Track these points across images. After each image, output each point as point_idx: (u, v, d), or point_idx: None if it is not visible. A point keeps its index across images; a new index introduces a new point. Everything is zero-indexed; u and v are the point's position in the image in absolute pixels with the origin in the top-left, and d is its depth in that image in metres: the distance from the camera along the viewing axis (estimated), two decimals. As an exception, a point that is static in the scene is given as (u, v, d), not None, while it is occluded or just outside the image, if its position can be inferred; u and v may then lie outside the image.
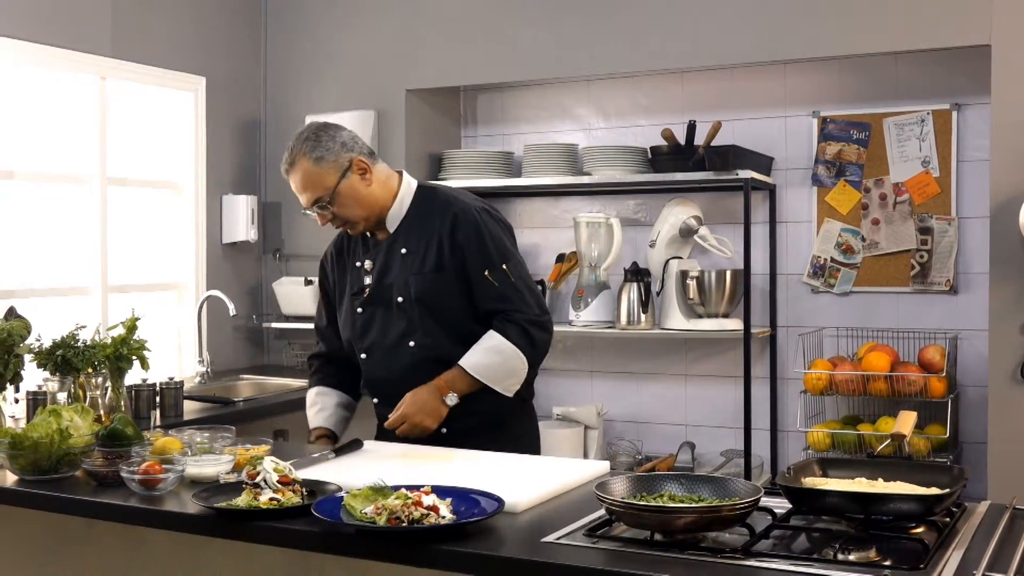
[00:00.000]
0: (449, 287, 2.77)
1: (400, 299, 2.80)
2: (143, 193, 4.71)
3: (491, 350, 2.75)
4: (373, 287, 2.84)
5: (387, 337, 2.82)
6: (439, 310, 2.78)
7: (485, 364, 2.74)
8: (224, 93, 5.00)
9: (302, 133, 2.81)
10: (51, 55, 4.17)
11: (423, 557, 1.92)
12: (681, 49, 4.37)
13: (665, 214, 4.50)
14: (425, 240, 2.80)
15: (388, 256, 2.84)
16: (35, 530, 2.58)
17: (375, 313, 2.84)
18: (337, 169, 2.75)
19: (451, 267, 2.77)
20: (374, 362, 2.86)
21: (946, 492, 1.97)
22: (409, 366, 2.79)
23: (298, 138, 2.80)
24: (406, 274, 2.80)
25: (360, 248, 2.91)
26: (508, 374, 2.77)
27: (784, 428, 4.55)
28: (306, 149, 2.76)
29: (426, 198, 2.86)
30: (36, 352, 2.89)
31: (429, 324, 2.78)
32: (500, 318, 2.77)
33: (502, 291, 2.77)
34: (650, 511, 1.89)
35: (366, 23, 4.99)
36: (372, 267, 2.85)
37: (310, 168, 2.75)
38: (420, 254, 2.79)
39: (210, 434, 2.65)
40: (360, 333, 2.87)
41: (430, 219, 2.81)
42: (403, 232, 2.84)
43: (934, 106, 4.29)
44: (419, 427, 2.73)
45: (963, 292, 4.27)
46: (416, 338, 2.78)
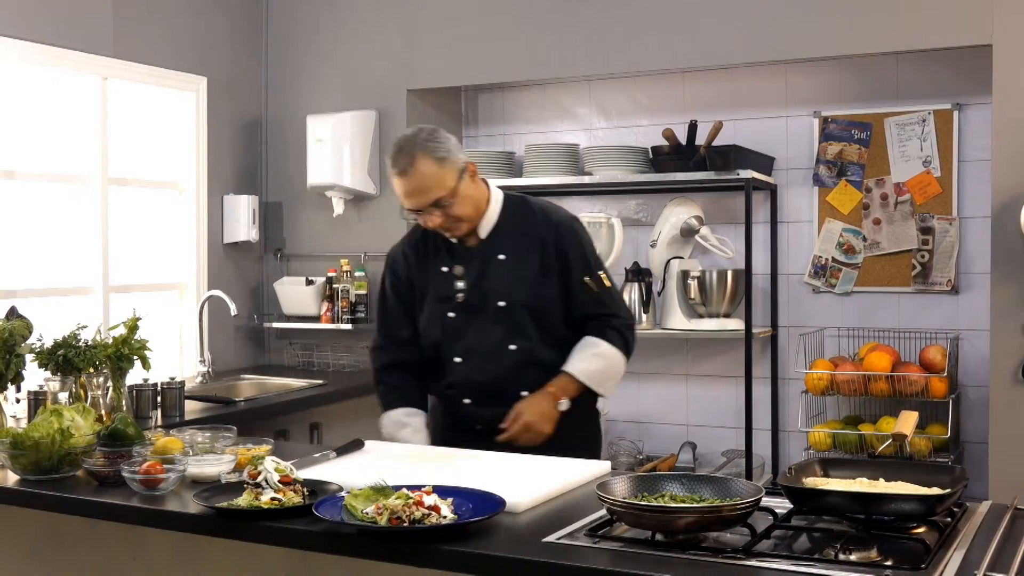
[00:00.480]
0: (551, 292, 2.86)
1: (502, 304, 2.84)
2: (144, 193, 4.71)
3: (597, 356, 2.86)
4: (469, 292, 2.86)
5: (486, 341, 2.85)
6: (540, 314, 2.85)
7: (592, 369, 2.85)
8: (225, 93, 5.00)
9: (415, 135, 2.78)
10: (53, 55, 4.17)
11: (424, 557, 1.92)
12: (682, 49, 4.37)
13: (666, 214, 4.50)
14: (526, 247, 2.86)
15: (484, 262, 2.86)
16: (36, 530, 2.58)
17: (471, 318, 2.86)
18: (456, 169, 2.77)
19: (553, 274, 2.85)
20: (471, 366, 2.88)
21: (947, 492, 1.97)
22: (508, 369, 2.84)
23: (412, 137, 2.78)
24: (508, 279, 2.84)
25: (444, 253, 2.91)
26: (609, 377, 2.90)
27: (785, 428, 4.55)
28: (429, 149, 2.74)
29: (519, 206, 2.93)
30: (37, 352, 2.89)
31: (529, 328, 2.84)
32: (598, 323, 2.88)
33: (600, 296, 2.89)
34: (651, 511, 1.89)
35: (367, 23, 4.99)
36: (464, 272, 2.87)
37: (434, 168, 2.73)
38: (521, 260, 2.85)
39: (211, 434, 2.65)
40: (453, 337, 2.88)
41: (530, 227, 2.88)
42: (497, 239, 2.87)
43: (935, 106, 4.29)
44: (539, 434, 2.78)
45: (964, 292, 4.27)
46: (517, 342, 2.84)
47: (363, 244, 4.98)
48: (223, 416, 3.75)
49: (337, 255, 4.99)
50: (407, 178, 2.74)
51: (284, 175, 5.18)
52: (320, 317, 4.98)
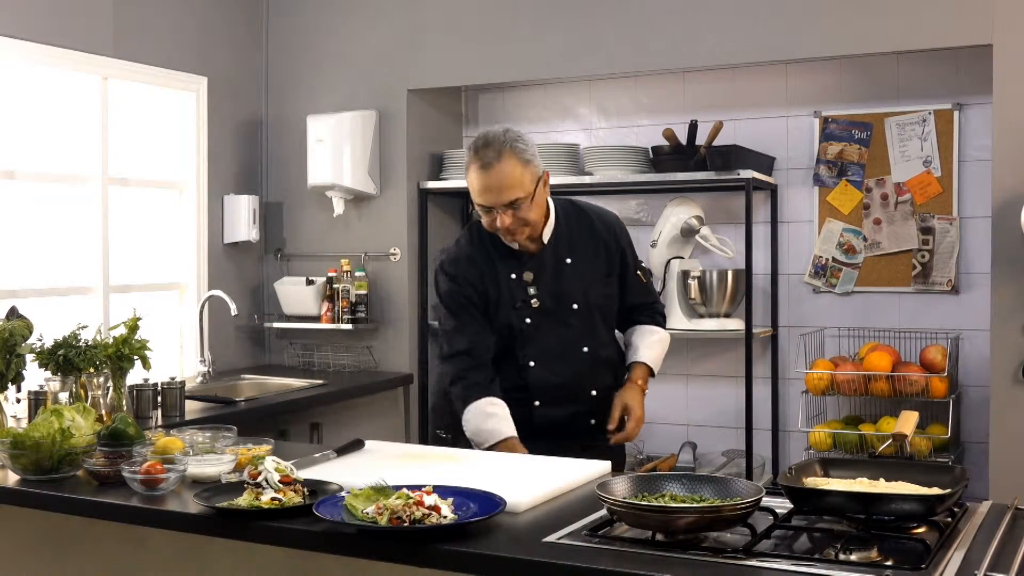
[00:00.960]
0: (613, 291, 2.99)
1: (575, 306, 2.91)
2: (145, 193, 4.71)
3: (658, 342, 3.08)
4: (542, 297, 2.89)
5: (560, 345, 2.91)
6: (607, 314, 2.99)
7: (658, 355, 3.08)
8: (226, 93, 5.00)
9: (505, 132, 2.79)
10: (53, 55, 4.17)
11: (424, 557, 1.92)
12: (683, 49, 4.37)
13: (667, 214, 4.50)
14: (591, 249, 2.94)
15: (552, 267, 2.91)
16: (37, 530, 2.58)
17: (544, 322, 2.90)
18: (536, 174, 2.82)
19: (614, 273, 2.98)
20: (544, 369, 2.91)
21: (947, 492, 1.97)
22: (581, 370, 2.93)
23: (499, 135, 2.78)
24: (581, 282, 2.92)
25: (510, 260, 2.91)
26: (663, 359, 3.13)
27: (785, 428, 4.55)
28: (518, 149, 2.77)
29: (571, 210, 3.01)
30: (38, 352, 2.89)
31: (599, 329, 2.96)
32: (649, 311, 3.09)
33: (647, 286, 3.10)
34: (652, 511, 1.89)
35: (368, 23, 4.99)
36: (533, 278, 2.90)
37: (518, 168, 2.76)
38: (589, 262, 2.94)
39: (211, 434, 2.65)
40: (526, 342, 2.91)
41: (589, 231, 2.97)
42: (560, 243, 2.93)
43: (936, 106, 4.29)
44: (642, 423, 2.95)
45: (965, 292, 4.27)
46: (589, 343, 2.93)
47: (363, 244, 4.98)
48: (223, 416, 3.75)
49: (337, 255, 4.99)
50: (489, 172, 2.74)
51: (284, 175, 5.18)
52: (320, 317, 4.98)
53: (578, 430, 2.94)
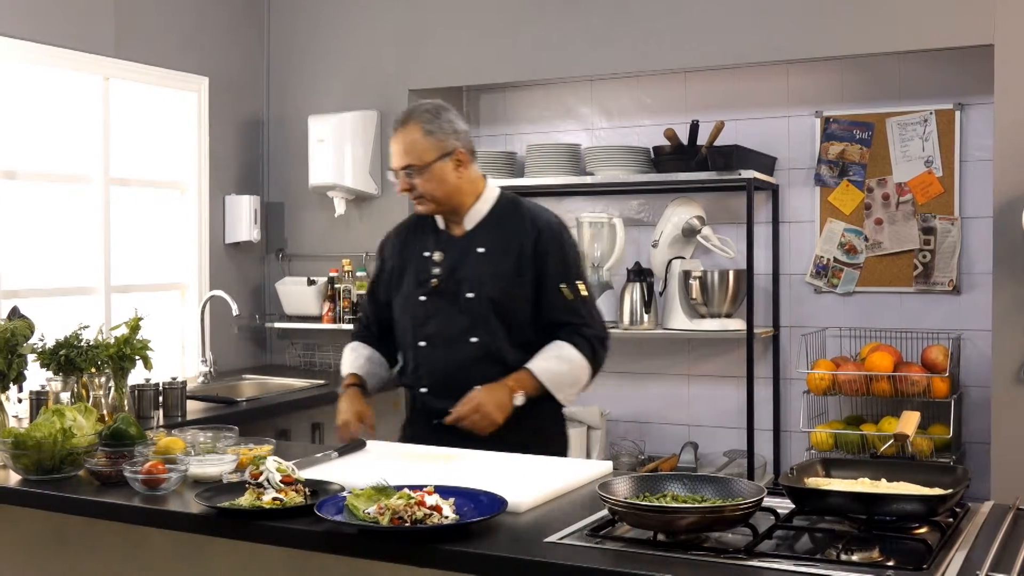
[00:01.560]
0: (522, 292, 2.87)
1: (470, 295, 2.87)
2: (146, 193, 4.72)
3: (560, 359, 2.85)
4: (442, 278, 2.90)
5: (450, 329, 2.88)
6: (507, 312, 2.87)
7: (554, 371, 2.84)
8: (227, 93, 5.00)
9: (425, 103, 2.93)
10: (55, 55, 4.18)
11: (426, 557, 1.92)
12: (684, 49, 4.37)
13: (668, 214, 4.50)
14: (505, 244, 2.90)
15: (463, 252, 2.91)
16: (38, 529, 2.58)
17: (440, 304, 2.90)
18: (440, 149, 2.86)
19: (527, 275, 2.87)
20: (432, 352, 2.91)
21: (949, 492, 1.96)
22: (468, 360, 2.86)
23: (419, 105, 2.92)
24: (481, 272, 2.88)
25: (430, 240, 2.98)
26: (571, 383, 2.88)
27: (787, 428, 4.55)
28: (424, 119, 2.87)
29: (509, 205, 2.99)
30: (39, 352, 2.89)
31: (493, 323, 2.86)
32: (569, 330, 2.87)
33: (573, 305, 2.89)
34: (653, 511, 1.89)
35: (369, 23, 4.99)
36: (442, 259, 2.92)
37: (419, 136, 2.85)
38: (498, 256, 2.89)
39: (213, 434, 2.65)
40: (421, 321, 2.92)
41: (514, 226, 2.93)
42: (481, 232, 2.93)
43: (937, 106, 4.29)
44: (489, 418, 2.76)
45: (966, 292, 4.27)
46: (479, 334, 2.86)
47: (364, 244, 4.97)
48: (225, 416, 3.75)
49: (338, 255, 4.99)
50: (395, 136, 2.89)
51: (286, 175, 5.18)
52: (322, 317, 4.98)
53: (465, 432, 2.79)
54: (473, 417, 2.76)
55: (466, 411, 2.76)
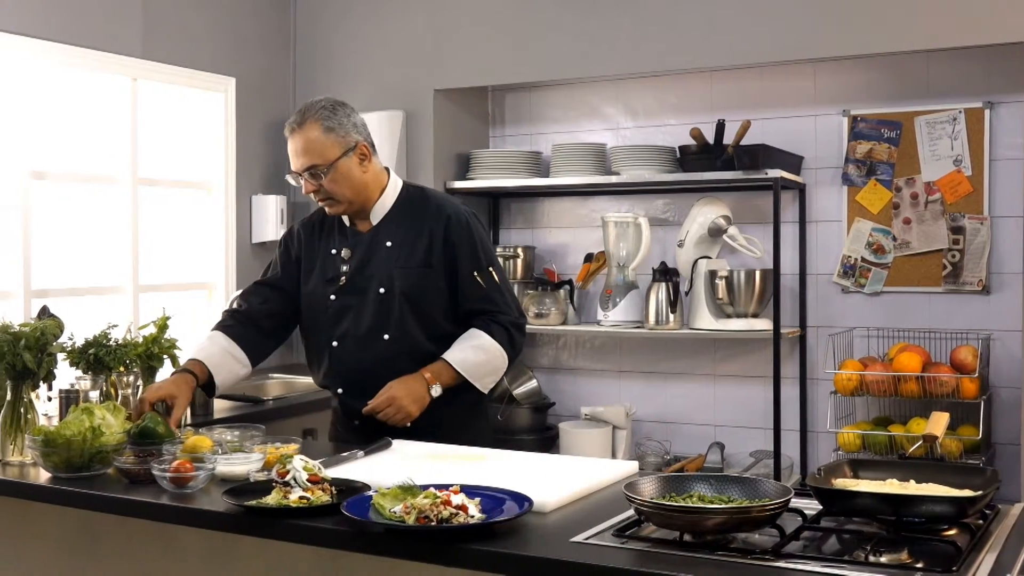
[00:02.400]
0: (434, 284, 2.84)
1: (381, 290, 2.83)
2: (174, 193, 4.75)
3: (477, 348, 2.83)
4: (351, 276, 2.87)
5: (361, 327, 2.85)
6: (420, 305, 2.84)
7: (471, 361, 2.82)
8: (254, 94, 5.02)
9: (319, 101, 2.86)
10: (83, 56, 4.21)
11: (452, 556, 1.93)
12: (710, 48, 4.35)
13: (694, 213, 4.49)
14: (413, 236, 2.86)
15: (370, 247, 2.88)
16: (67, 527, 2.60)
17: (349, 302, 2.87)
18: (342, 145, 2.81)
19: (439, 265, 2.84)
20: (345, 351, 2.88)
21: (979, 494, 1.95)
22: (381, 358, 2.83)
23: (313, 104, 2.85)
24: (390, 267, 2.84)
25: (336, 236, 2.93)
26: (489, 372, 2.87)
27: (814, 429, 4.52)
28: (321, 116, 2.80)
29: (414, 197, 2.95)
30: (69, 351, 2.92)
31: (407, 318, 2.83)
32: (484, 319, 2.86)
33: (488, 293, 2.87)
34: (679, 511, 1.88)
35: (395, 24, 5.00)
36: (350, 256, 2.88)
37: (318, 134, 2.79)
38: (407, 249, 2.85)
39: (240, 432, 2.66)
40: (332, 321, 2.89)
41: (420, 217, 2.89)
42: (388, 226, 2.89)
43: (966, 104, 4.25)
44: (403, 411, 2.75)
45: (996, 292, 4.23)
46: (390, 331, 2.83)
47: (390, 244, 4.98)
48: (252, 415, 3.77)
49: (364, 255, 5.00)
50: (292, 137, 2.82)
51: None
52: (347, 317, 4.99)
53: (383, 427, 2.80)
54: (388, 410, 2.74)
55: (380, 403, 2.75)
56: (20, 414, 2.67)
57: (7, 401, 2.68)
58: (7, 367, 2.65)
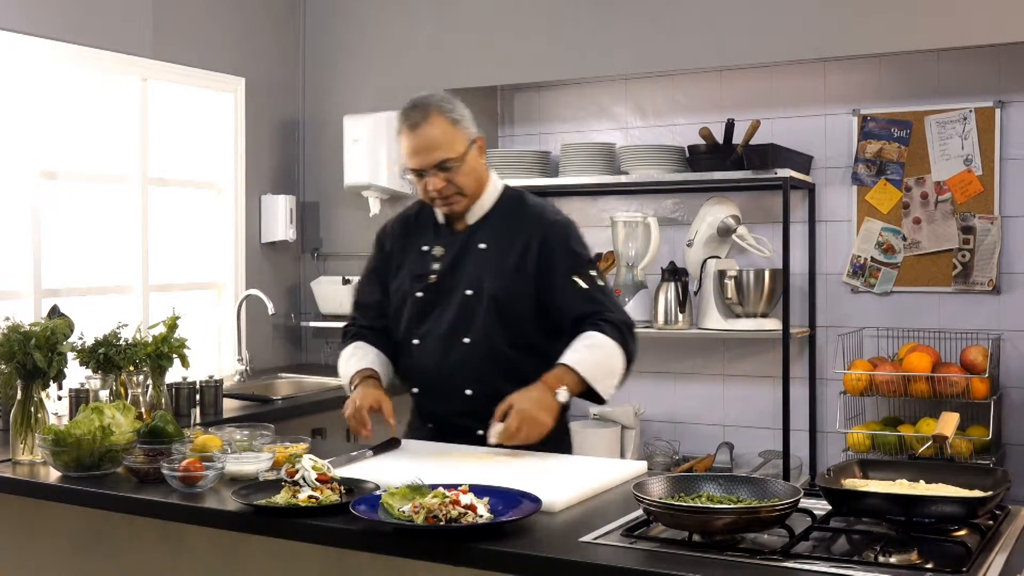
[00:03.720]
0: (525, 289, 2.71)
1: (468, 292, 2.72)
2: (183, 193, 4.76)
3: (592, 346, 2.63)
4: (441, 275, 2.77)
5: (444, 329, 2.74)
6: (507, 310, 2.71)
7: (588, 360, 2.62)
8: (263, 94, 5.03)
9: (431, 95, 2.74)
10: (93, 57, 4.22)
11: (460, 556, 1.93)
12: (719, 47, 4.34)
13: (703, 213, 4.48)
14: (508, 240, 2.74)
15: (463, 248, 2.77)
16: (77, 526, 2.61)
17: (436, 301, 2.77)
18: (467, 137, 2.72)
19: (531, 271, 2.71)
20: (426, 350, 2.78)
21: (989, 495, 1.94)
22: (458, 361, 2.72)
23: (428, 97, 2.73)
24: (481, 269, 2.73)
25: (430, 233, 2.84)
26: (609, 372, 2.65)
27: (823, 429, 4.51)
28: (445, 108, 2.69)
29: (514, 200, 2.83)
30: (79, 350, 2.92)
31: (491, 322, 2.70)
32: (593, 319, 2.67)
33: (591, 293, 2.71)
34: (688, 511, 1.88)
35: (404, 23, 5.01)
36: (442, 255, 2.78)
37: (447, 126, 2.68)
38: (501, 252, 2.73)
39: (249, 432, 2.67)
40: (417, 319, 2.79)
41: (518, 221, 2.77)
42: (484, 227, 2.78)
43: (977, 103, 4.24)
44: (536, 422, 2.52)
45: (1006, 292, 4.21)
46: (472, 334, 2.71)
47: (399, 243, 4.99)
48: (261, 414, 3.78)
49: (373, 254, 5.00)
50: (417, 133, 2.67)
51: (321, 175, 5.21)
52: (357, 316, 5.00)
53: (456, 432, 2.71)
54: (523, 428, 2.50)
55: (511, 424, 2.50)
56: (30, 413, 2.67)
57: (17, 400, 2.68)
58: (17, 366, 2.66)
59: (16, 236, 3.99)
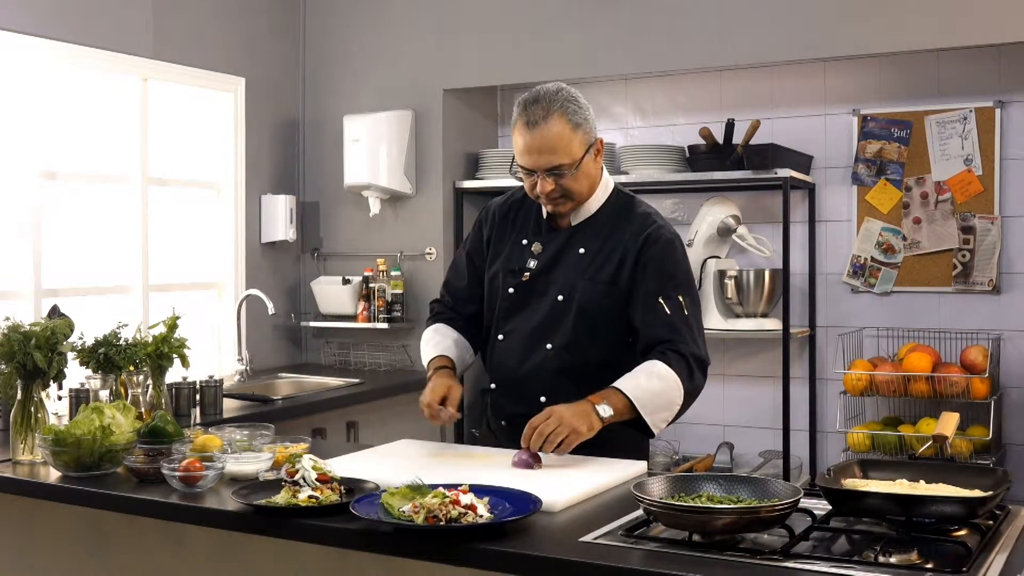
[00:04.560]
0: (616, 304, 2.60)
1: (560, 297, 2.62)
2: (183, 193, 4.76)
3: (651, 375, 2.52)
4: (536, 274, 2.65)
5: (530, 330, 2.65)
6: (594, 323, 2.61)
7: (643, 387, 2.50)
8: (263, 94, 5.03)
9: (558, 90, 2.58)
10: (93, 57, 4.22)
11: (460, 556, 1.93)
12: (719, 47, 4.34)
13: (703, 213, 4.48)
14: (609, 248, 2.63)
15: (562, 249, 2.65)
16: (77, 526, 2.61)
17: (528, 300, 2.66)
18: (587, 141, 2.58)
19: (625, 284, 2.60)
20: (507, 349, 2.68)
21: (989, 494, 1.94)
22: (538, 367, 2.63)
23: (552, 93, 2.57)
24: (576, 275, 2.62)
25: (531, 226, 2.71)
26: (664, 406, 2.53)
27: (823, 429, 4.52)
28: (567, 109, 2.55)
29: (623, 205, 2.71)
30: (79, 350, 2.92)
31: (577, 333, 2.60)
32: (664, 347, 2.55)
33: (672, 321, 2.57)
34: (689, 511, 1.88)
35: (404, 24, 5.01)
36: (540, 252, 2.66)
37: (567, 130, 2.54)
38: (599, 261, 2.62)
39: (249, 432, 2.66)
40: (506, 314, 2.69)
41: (622, 229, 2.65)
42: (586, 230, 2.66)
43: (977, 103, 4.24)
44: (572, 429, 2.41)
45: (1006, 292, 4.22)
46: (555, 340, 2.62)
47: (399, 244, 5.00)
48: (261, 414, 3.78)
49: (373, 254, 5.01)
50: (535, 131, 2.53)
51: (321, 175, 5.21)
52: (356, 316, 5.00)
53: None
54: (547, 422, 2.41)
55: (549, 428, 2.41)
56: (30, 413, 2.67)
57: (17, 400, 2.68)
58: (18, 366, 2.66)
59: (17, 236, 3.98)
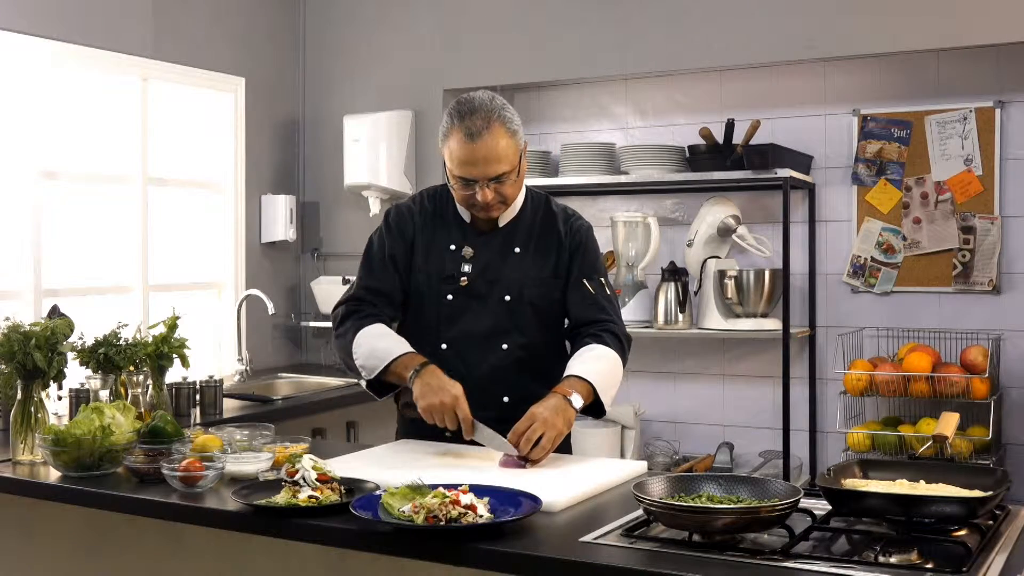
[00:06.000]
0: (561, 295, 2.71)
1: (507, 298, 2.66)
2: (183, 193, 4.76)
3: (598, 357, 2.61)
4: (473, 278, 2.67)
5: (479, 333, 2.66)
6: (547, 316, 2.71)
7: (596, 369, 2.58)
8: (263, 94, 5.04)
9: (491, 100, 2.57)
10: (93, 57, 4.22)
11: (460, 556, 1.93)
12: (719, 47, 4.34)
13: (703, 213, 4.48)
14: (544, 244, 2.71)
15: (496, 251, 2.69)
16: (77, 525, 2.61)
17: (468, 304, 2.67)
18: (520, 146, 2.61)
19: (564, 276, 2.71)
20: (457, 356, 2.67)
21: (989, 495, 1.94)
22: (495, 366, 2.66)
23: (487, 103, 2.56)
24: (520, 274, 2.68)
25: (454, 231, 2.72)
26: (613, 385, 2.63)
27: (823, 429, 4.52)
28: (504, 117, 2.56)
29: (541, 204, 2.78)
30: (79, 350, 2.92)
31: (531, 328, 2.68)
32: (597, 328, 2.67)
33: (598, 300, 2.70)
34: (689, 511, 1.88)
35: (404, 24, 5.01)
36: (473, 256, 2.68)
37: (507, 138, 2.55)
38: (538, 258, 2.70)
39: (249, 432, 2.67)
40: (445, 322, 2.69)
41: (549, 225, 2.74)
42: (517, 230, 2.72)
43: (977, 103, 4.24)
44: (557, 431, 2.45)
45: (1006, 292, 4.21)
46: (511, 340, 2.66)
47: (399, 243, 4.99)
48: (261, 414, 3.78)
49: (373, 254, 5.00)
50: (477, 142, 2.51)
51: (321, 175, 5.21)
52: (357, 316, 4.99)
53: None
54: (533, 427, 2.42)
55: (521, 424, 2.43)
56: (30, 413, 2.67)
57: (17, 400, 2.69)
58: (17, 366, 2.66)
59: (16, 236, 3.99)
